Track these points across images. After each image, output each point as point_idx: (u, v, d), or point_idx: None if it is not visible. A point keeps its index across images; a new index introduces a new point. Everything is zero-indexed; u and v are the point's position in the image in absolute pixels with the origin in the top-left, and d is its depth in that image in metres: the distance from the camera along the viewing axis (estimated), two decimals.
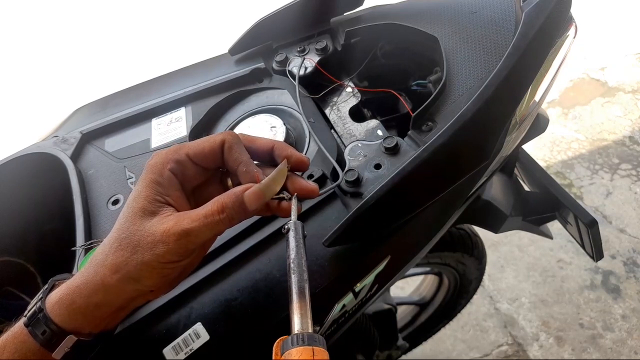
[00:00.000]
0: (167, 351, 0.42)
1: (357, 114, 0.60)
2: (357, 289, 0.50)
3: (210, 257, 0.47)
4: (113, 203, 0.53)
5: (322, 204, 0.49)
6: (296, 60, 0.62)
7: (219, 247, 0.47)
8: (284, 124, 0.56)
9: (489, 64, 0.51)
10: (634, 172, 1.78)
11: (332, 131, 0.57)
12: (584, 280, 1.53)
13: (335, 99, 0.61)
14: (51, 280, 0.37)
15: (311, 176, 0.50)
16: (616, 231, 1.62)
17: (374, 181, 0.49)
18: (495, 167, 0.60)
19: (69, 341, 0.34)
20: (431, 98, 0.51)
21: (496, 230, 0.85)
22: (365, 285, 0.51)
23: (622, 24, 2.36)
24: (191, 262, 0.37)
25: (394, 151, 0.51)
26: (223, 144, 0.37)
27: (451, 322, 1.35)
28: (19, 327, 0.34)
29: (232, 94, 0.62)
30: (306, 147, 0.55)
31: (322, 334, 0.49)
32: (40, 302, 0.34)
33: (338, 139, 0.56)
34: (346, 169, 0.50)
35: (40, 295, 0.36)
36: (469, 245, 1.03)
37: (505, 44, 0.52)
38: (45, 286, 0.36)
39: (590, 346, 1.39)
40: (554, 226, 0.89)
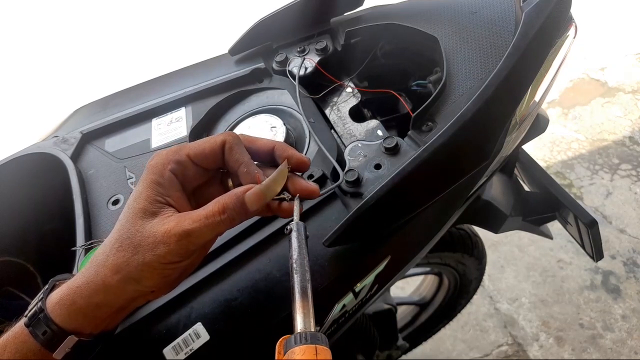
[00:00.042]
0: (167, 351, 0.42)
1: (357, 114, 0.59)
2: (357, 289, 0.50)
3: (210, 257, 0.47)
4: (113, 203, 0.53)
5: (322, 204, 0.49)
6: (296, 61, 0.62)
7: (219, 247, 0.47)
8: (284, 124, 0.56)
9: (489, 64, 0.51)
10: (634, 172, 1.78)
11: (332, 131, 0.57)
12: (584, 281, 1.53)
13: (335, 99, 0.61)
14: (52, 281, 0.37)
15: (311, 176, 0.49)
16: (616, 231, 1.62)
17: (374, 181, 0.49)
18: (495, 167, 0.60)
19: (70, 341, 0.34)
20: (431, 98, 0.51)
21: (496, 231, 0.85)
22: (365, 285, 0.51)
23: (622, 24, 2.36)
24: (192, 262, 0.37)
25: (394, 151, 0.51)
26: (224, 144, 0.37)
27: (451, 322, 1.35)
28: (20, 327, 0.34)
29: (232, 94, 0.62)
30: (306, 147, 0.55)
31: (322, 333, 0.49)
32: (41, 302, 0.35)
33: (338, 139, 0.56)
34: (346, 169, 0.50)
35: (40, 295, 0.36)
36: (469, 245, 1.03)
37: (505, 44, 0.52)
38: (46, 286, 0.36)
39: (590, 346, 1.39)
40: (554, 226, 0.89)
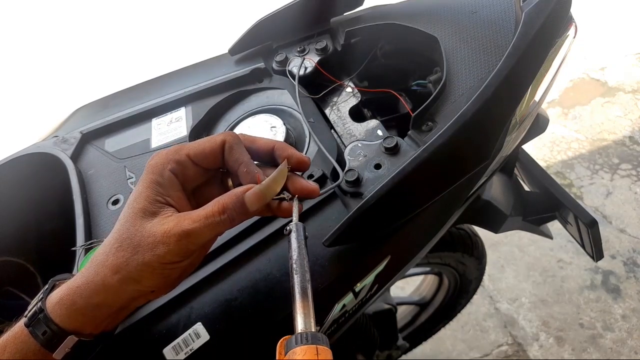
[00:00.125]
0: (167, 351, 0.42)
1: (357, 114, 0.59)
2: (357, 289, 0.50)
3: (210, 257, 0.46)
4: (113, 203, 0.53)
5: (322, 204, 0.49)
6: (296, 60, 0.62)
7: (219, 247, 0.47)
8: (284, 124, 0.56)
9: (489, 64, 0.51)
10: (634, 172, 1.78)
11: (332, 131, 0.57)
12: (584, 280, 1.53)
13: (335, 99, 0.61)
14: (51, 281, 0.37)
15: (311, 176, 0.49)
16: (616, 231, 1.62)
17: (374, 181, 0.49)
18: (495, 167, 0.60)
19: (70, 341, 0.34)
20: (431, 98, 0.51)
21: (496, 230, 0.85)
22: (365, 285, 0.51)
23: (622, 24, 2.36)
24: (192, 262, 0.37)
25: (394, 151, 0.51)
26: (224, 144, 0.37)
27: (451, 322, 1.35)
28: (20, 327, 0.34)
29: (232, 94, 0.62)
30: (306, 147, 0.55)
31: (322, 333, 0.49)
32: (41, 302, 0.35)
33: (338, 139, 0.56)
34: (346, 169, 0.50)
35: (40, 295, 0.36)
36: (469, 245, 1.03)
37: (505, 44, 0.52)
38: (46, 286, 0.36)
39: (590, 346, 1.39)
40: (554, 226, 0.89)
